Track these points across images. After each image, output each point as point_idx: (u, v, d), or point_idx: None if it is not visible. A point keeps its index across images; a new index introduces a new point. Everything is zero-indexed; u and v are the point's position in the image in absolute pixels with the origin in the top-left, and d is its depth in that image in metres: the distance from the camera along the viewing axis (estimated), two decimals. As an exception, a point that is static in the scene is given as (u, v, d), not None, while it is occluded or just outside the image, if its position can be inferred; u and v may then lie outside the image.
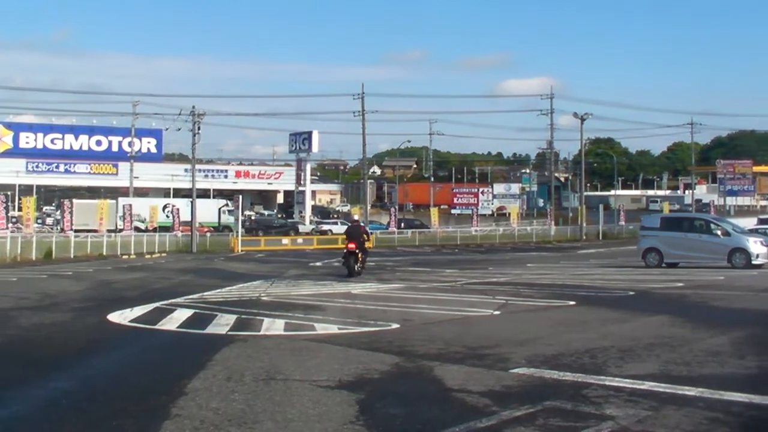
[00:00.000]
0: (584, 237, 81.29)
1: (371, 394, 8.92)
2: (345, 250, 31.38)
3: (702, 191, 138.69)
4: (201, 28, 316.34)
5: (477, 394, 8.73)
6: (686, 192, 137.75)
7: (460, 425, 7.33)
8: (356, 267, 30.75)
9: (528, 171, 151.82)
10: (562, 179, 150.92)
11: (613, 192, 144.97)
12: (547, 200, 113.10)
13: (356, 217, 52.11)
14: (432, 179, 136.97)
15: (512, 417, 7.64)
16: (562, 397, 8.45)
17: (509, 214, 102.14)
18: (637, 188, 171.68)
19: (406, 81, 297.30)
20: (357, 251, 30.95)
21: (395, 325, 15.03)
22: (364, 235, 32.38)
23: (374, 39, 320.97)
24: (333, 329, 14.65)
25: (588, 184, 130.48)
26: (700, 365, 10.52)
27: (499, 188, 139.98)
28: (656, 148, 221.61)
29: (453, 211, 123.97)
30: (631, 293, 21.88)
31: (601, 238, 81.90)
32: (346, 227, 43.58)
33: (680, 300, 20.32)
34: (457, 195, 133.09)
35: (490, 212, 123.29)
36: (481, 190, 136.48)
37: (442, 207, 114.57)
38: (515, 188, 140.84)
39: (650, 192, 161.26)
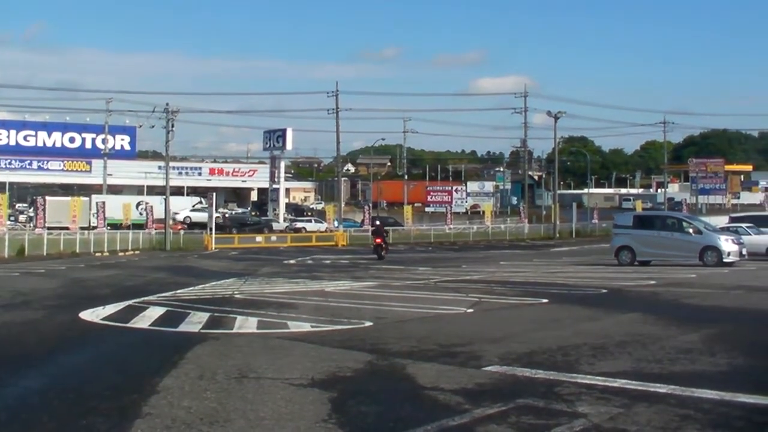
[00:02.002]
0: (557, 235, 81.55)
1: (344, 392, 8.90)
2: (374, 244, 46.75)
3: (674, 190, 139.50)
4: (176, 25, 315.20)
5: (449, 392, 8.73)
6: (659, 190, 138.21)
7: (433, 423, 7.33)
8: (382, 253, 44.58)
9: (502, 169, 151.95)
10: (536, 177, 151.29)
11: (586, 190, 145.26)
12: (520, 198, 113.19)
13: (377, 222, 56.60)
14: (406, 177, 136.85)
15: (485, 415, 7.65)
16: (535, 395, 8.47)
17: (483, 212, 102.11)
18: (610, 186, 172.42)
19: (381, 79, 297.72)
20: (382, 244, 45.21)
21: (368, 323, 15.02)
22: (384, 233, 47.61)
23: (350, 36, 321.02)
24: (306, 327, 14.63)
25: (561, 183, 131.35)
26: (672, 362, 10.57)
27: (473, 186, 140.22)
28: (629, 146, 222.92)
29: (427, 209, 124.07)
30: (604, 291, 21.96)
31: (574, 236, 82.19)
32: (372, 228, 57.71)
33: (652, 298, 20.42)
34: (431, 193, 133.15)
35: (464, 210, 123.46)
36: (455, 188, 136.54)
37: (416, 205, 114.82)
38: (489, 186, 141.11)
39: (623, 190, 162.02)
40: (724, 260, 32.01)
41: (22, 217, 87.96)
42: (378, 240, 45.75)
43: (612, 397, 8.38)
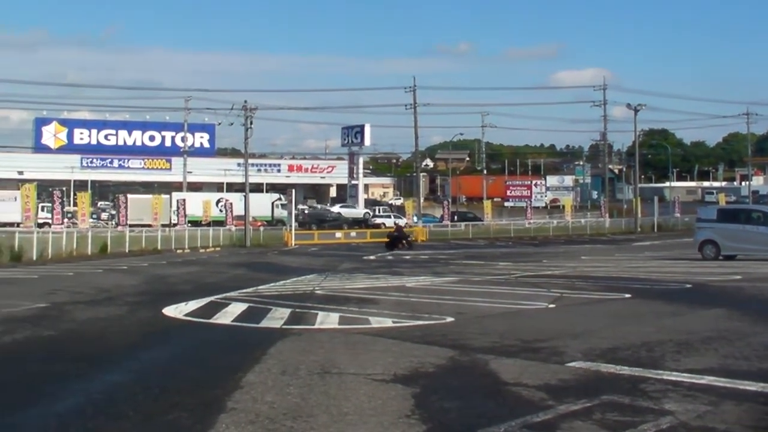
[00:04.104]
0: (639, 229, 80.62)
1: (426, 388, 8.87)
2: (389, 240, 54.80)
3: (759, 182, 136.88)
4: (252, 23, 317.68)
5: (532, 388, 8.65)
6: (743, 183, 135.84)
7: (516, 419, 7.26)
8: (396, 246, 52.51)
9: (581, 163, 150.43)
10: (616, 171, 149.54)
11: (667, 184, 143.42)
12: (600, 192, 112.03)
13: (399, 223, 64.40)
14: (485, 172, 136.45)
15: (569, 411, 7.56)
16: (619, 392, 8.35)
17: (563, 206, 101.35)
18: (692, 180, 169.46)
19: (458, 73, 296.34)
20: (393, 242, 53.75)
21: (449, 319, 14.98)
22: (403, 236, 56.25)
23: (425, 31, 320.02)
24: (387, 322, 14.61)
25: (642, 176, 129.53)
26: (760, 360, 10.35)
27: (552, 180, 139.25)
28: (711, 138, 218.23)
29: (506, 204, 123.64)
30: (688, 286, 21.60)
31: (656, 230, 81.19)
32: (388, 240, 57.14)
33: (738, 293, 20.06)
34: (510, 187, 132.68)
35: (544, 204, 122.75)
36: (534, 182, 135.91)
37: (495, 199, 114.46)
38: (569, 180, 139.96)
39: (706, 183, 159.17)
40: (813, 255, 31.30)
41: (104, 215, 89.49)
42: (388, 240, 55.35)
43: (699, 394, 8.22)
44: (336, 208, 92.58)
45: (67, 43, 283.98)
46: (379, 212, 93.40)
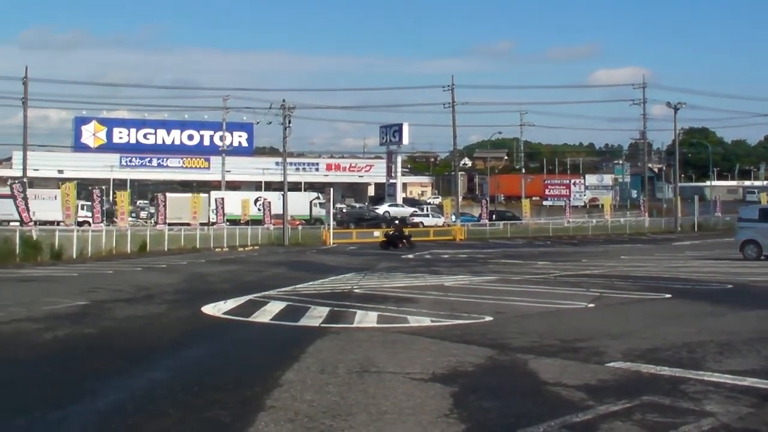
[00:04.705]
0: (679, 229, 80.00)
1: (465, 387, 8.86)
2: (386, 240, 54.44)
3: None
4: (289, 22, 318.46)
5: (572, 388, 8.61)
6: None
7: (556, 419, 7.23)
8: (396, 246, 52.16)
9: (621, 162, 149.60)
10: (656, 170, 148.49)
11: (708, 183, 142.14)
12: (640, 191, 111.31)
13: (396, 222, 65.66)
14: (523, 170, 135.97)
15: (609, 412, 7.52)
16: (660, 392, 8.30)
17: (602, 205, 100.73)
18: (733, 179, 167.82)
19: (496, 72, 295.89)
20: (391, 241, 53.24)
21: (488, 318, 14.95)
22: (403, 236, 55.03)
23: (462, 30, 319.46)
24: (426, 321, 14.60)
25: (682, 175, 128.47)
26: (804, 361, 10.24)
27: (591, 179, 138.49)
28: (753, 137, 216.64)
29: (545, 203, 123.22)
30: (729, 286, 21.44)
31: (696, 229, 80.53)
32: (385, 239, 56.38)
33: (780, 293, 19.87)
34: (549, 186, 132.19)
35: (583, 204, 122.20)
36: (573, 181, 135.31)
37: (533, 198, 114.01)
38: (608, 179, 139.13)
39: (747, 183, 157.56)
40: None
41: (143, 214, 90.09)
42: (385, 240, 54.58)
43: (741, 396, 8.14)
44: (383, 207, 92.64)
45: (106, 43, 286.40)
46: (426, 211, 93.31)
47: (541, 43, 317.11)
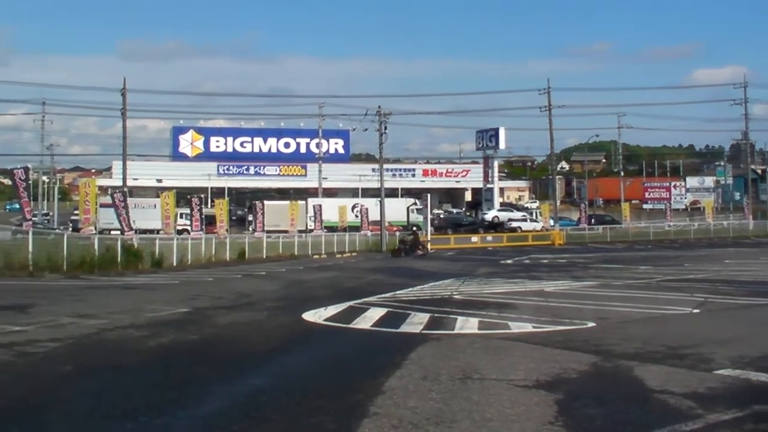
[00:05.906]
0: (785, 231, 78.15)
1: (569, 394, 8.77)
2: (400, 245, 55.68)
3: None
4: (384, 29, 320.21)
5: (679, 396, 8.45)
6: None
7: (663, 428, 7.12)
8: (407, 252, 52.66)
9: (722, 163, 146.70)
10: (759, 171, 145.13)
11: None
12: (743, 193, 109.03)
13: (414, 228, 63.90)
14: (622, 174, 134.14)
15: (719, 421, 7.37)
16: (772, 402, 8.10)
17: (704, 208, 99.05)
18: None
19: (592, 74, 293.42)
20: (406, 248, 54.19)
21: (591, 324, 14.78)
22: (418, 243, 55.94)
23: (558, 32, 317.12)
24: (527, 328, 14.50)
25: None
26: None
27: (692, 182, 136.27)
28: None
29: (644, 206, 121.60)
30: (841, 290, 20.87)
31: (803, 232, 78.55)
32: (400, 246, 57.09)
33: None
34: (649, 189, 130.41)
35: (684, 207, 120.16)
36: (673, 183, 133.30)
37: (632, 202, 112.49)
38: (709, 181, 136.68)
39: None
40: None
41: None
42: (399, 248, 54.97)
43: None
44: (492, 212, 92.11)
45: (202, 53, 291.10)
46: (534, 216, 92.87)
47: (638, 43, 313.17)
